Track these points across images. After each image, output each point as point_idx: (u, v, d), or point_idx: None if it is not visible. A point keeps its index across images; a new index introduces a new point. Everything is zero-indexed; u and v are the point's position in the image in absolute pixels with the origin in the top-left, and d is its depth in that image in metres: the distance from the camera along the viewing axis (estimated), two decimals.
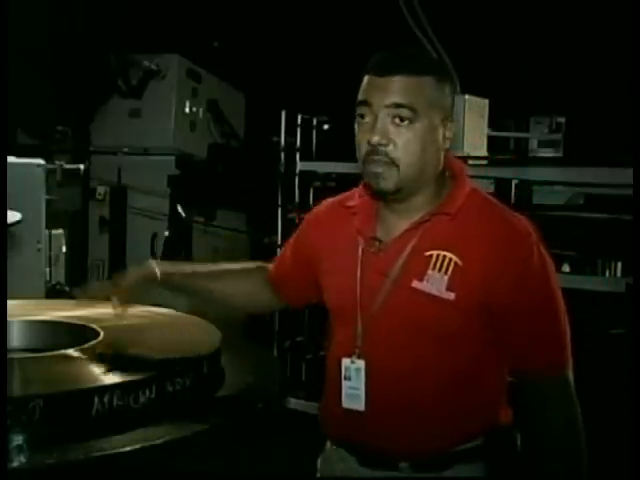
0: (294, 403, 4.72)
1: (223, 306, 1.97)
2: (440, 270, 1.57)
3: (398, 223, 1.64)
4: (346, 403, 1.65)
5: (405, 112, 1.55)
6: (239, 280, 1.95)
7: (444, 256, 1.58)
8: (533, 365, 1.62)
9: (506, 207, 1.68)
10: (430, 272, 1.58)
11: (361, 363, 1.63)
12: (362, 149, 1.59)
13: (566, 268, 4.10)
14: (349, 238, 1.70)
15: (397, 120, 1.56)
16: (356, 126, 1.62)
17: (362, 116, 1.59)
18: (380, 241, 1.66)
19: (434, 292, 1.57)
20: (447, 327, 1.59)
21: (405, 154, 1.56)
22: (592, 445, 1.59)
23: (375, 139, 1.55)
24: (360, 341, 1.64)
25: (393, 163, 1.56)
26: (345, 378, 1.65)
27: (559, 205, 4.18)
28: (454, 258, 1.57)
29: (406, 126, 1.56)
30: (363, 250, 1.66)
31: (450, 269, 1.57)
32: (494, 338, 1.62)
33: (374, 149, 1.56)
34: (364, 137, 1.58)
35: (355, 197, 1.75)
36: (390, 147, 1.56)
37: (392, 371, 1.62)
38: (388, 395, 1.62)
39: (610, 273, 4.15)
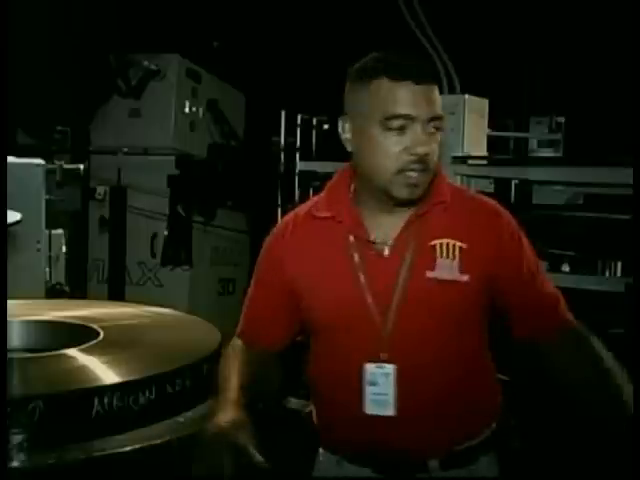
0: (294, 403, 4.71)
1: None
2: (448, 257, 1.61)
3: (395, 222, 1.63)
4: (371, 409, 1.61)
5: (439, 123, 1.57)
6: (257, 375, 1.70)
7: (447, 243, 1.61)
8: (554, 320, 1.66)
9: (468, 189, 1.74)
10: (439, 260, 1.61)
11: (390, 368, 1.60)
12: (399, 160, 1.54)
13: (566, 268, 4.08)
14: (334, 249, 1.64)
15: (433, 130, 1.56)
16: (380, 134, 1.55)
17: (402, 127, 1.54)
18: (376, 243, 1.63)
19: (449, 277, 1.60)
20: (466, 309, 1.63)
21: (435, 160, 1.59)
22: (592, 445, 1.58)
23: (424, 150, 1.54)
24: (386, 345, 1.60)
25: (430, 170, 1.58)
26: (370, 384, 1.60)
27: (559, 205, 4.17)
28: (458, 243, 1.61)
29: (435, 134, 1.57)
30: (362, 255, 1.62)
31: (457, 253, 1.61)
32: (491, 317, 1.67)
33: (420, 159, 1.54)
34: (401, 147, 1.54)
35: (322, 206, 1.68)
36: (430, 156, 1.56)
37: (422, 367, 1.60)
38: (419, 395, 1.60)
39: (610, 273, 4.13)
